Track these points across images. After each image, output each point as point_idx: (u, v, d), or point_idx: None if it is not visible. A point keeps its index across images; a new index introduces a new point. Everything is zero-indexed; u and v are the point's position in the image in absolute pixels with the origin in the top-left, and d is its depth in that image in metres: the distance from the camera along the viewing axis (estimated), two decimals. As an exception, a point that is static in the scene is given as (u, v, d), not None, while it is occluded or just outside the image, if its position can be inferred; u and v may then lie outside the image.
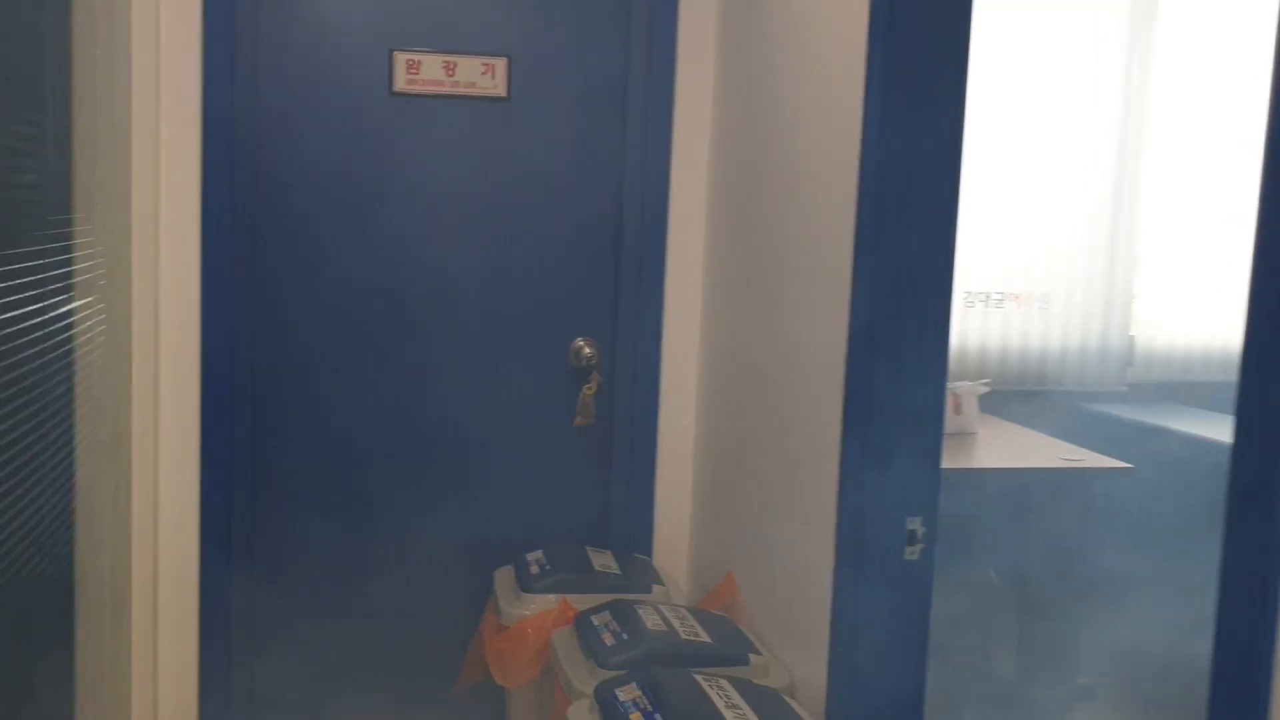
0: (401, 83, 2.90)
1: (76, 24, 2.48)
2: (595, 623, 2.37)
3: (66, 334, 2.43)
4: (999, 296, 4.14)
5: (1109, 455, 3.29)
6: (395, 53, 2.89)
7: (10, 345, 2.07)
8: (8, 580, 2.17)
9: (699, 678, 2.08)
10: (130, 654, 2.82)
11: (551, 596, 2.60)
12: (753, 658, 2.28)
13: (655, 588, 2.67)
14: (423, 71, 2.91)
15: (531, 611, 2.57)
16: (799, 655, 2.28)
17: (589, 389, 2.97)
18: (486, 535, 3.01)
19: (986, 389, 3.66)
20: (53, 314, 2.32)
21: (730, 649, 2.29)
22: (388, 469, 2.98)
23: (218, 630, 2.91)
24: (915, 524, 2.03)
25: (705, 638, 2.31)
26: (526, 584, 2.65)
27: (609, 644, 2.27)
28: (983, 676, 3.39)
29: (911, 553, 2.03)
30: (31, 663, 2.34)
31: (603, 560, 2.76)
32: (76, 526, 2.58)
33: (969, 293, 4.09)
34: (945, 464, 2.12)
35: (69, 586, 2.56)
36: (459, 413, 2.99)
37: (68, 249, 2.43)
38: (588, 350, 3.00)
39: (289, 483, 2.94)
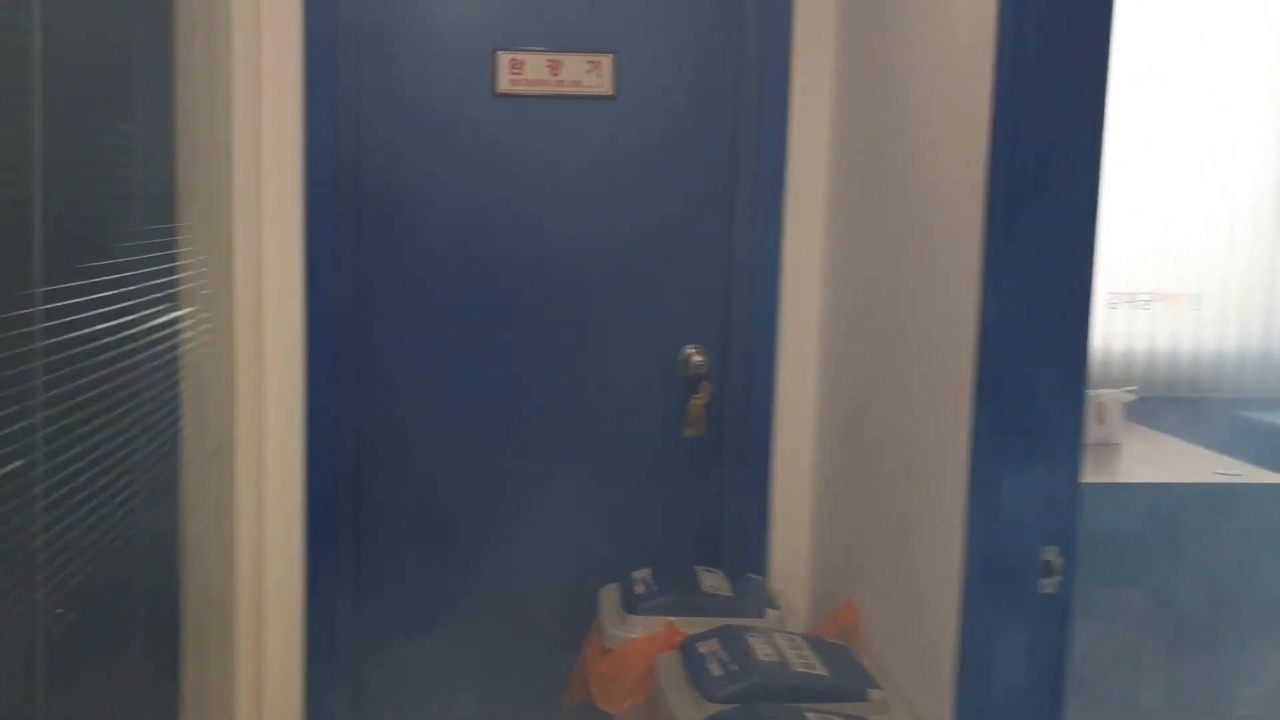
0: (505, 83, 2.81)
1: (178, 31, 2.45)
2: (702, 650, 2.23)
3: (171, 343, 2.40)
4: (1146, 297, 3.87)
5: (1270, 469, 3.01)
6: (498, 53, 2.80)
7: (116, 353, 2.04)
8: (117, 590, 2.15)
9: (812, 717, 1.92)
10: (235, 664, 2.79)
11: (657, 619, 2.46)
12: (872, 693, 2.11)
13: (769, 612, 2.51)
14: (526, 71, 2.81)
15: (636, 634, 2.44)
16: (923, 692, 2.09)
17: (699, 399, 2.83)
18: (592, 550, 2.90)
19: (1132, 396, 3.41)
20: (157, 323, 2.29)
21: (847, 683, 2.12)
22: (493, 479, 2.89)
23: (322, 640, 2.86)
24: (1051, 554, 1.83)
25: (821, 670, 2.14)
26: (632, 605, 2.53)
27: (716, 674, 2.12)
28: (1128, 714, 3.13)
29: (1048, 585, 1.83)
30: (139, 671, 2.33)
31: (713, 581, 2.62)
32: (183, 537, 2.56)
33: (1113, 293, 3.83)
34: (1087, 478, 1.91)
35: (175, 596, 2.55)
36: (565, 423, 2.88)
37: (171, 257, 2.40)
38: (698, 358, 2.86)
39: (393, 493, 2.88)
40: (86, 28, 1.98)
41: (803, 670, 2.13)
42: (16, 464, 1.62)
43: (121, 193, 2.15)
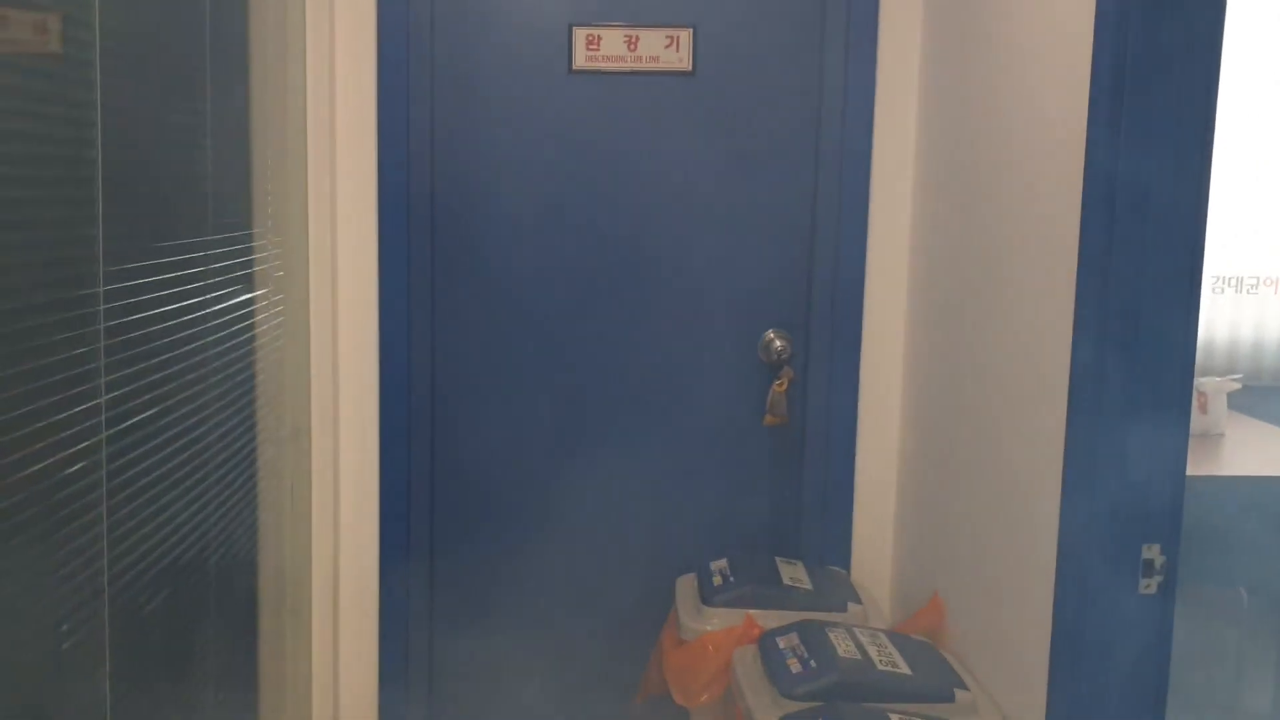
0: (581, 60, 2.74)
1: (251, 13, 2.43)
2: (781, 645, 2.15)
3: (246, 325, 2.39)
4: (1252, 281, 3.68)
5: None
6: (574, 28, 2.74)
7: (191, 332, 2.03)
8: (194, 574, 2.15)
9: (895, 719, 1.83)
10: (310, 647, 2.79)
11: (735, 611, 2.39)
12: (959, 694, 2.01)
13: (851, 606, 2.42)
14: (603, 47, 2.74)
15: (713, 627, 2.37)
16: (1013, 694, 1.99)
17: (780, 385, 2.74)
18: (668, 538, 2.84)
19: (1237, 385, 3.25)
20: (232, 303, 2.28)
21: (933, 683, 2.03)
22: (568, 464, 2.83)
23: (396, 626, 2.84)
24: (1152, 552, 1.72)
25: (904, 669, 2.05)
26: (708, 596, 2.46)
27: (795, 671, 2.05)
28: (1232, 714, 2.98)
29: (1148, 586, 1.72)
30: (216, 655, 2.33)
31: (793, 573, 2.53)
32: (259, 521, 2.56)
33: (1218, 277, 3.65)
34: (1190, 469, 1.79)
35: (252, 581, 2.55)
36: (641, 408, 2.82)
37: (246, 238, 2.39)
38: (779, 343, 2.77)
39: (467, 477, 2.84)
40: (157, 14, 1.96)
41: (886, 669, 2.04)
42: (86, 443, 1.60)
43: (192, 175, 2.14)
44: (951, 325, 2.41)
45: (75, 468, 1.58)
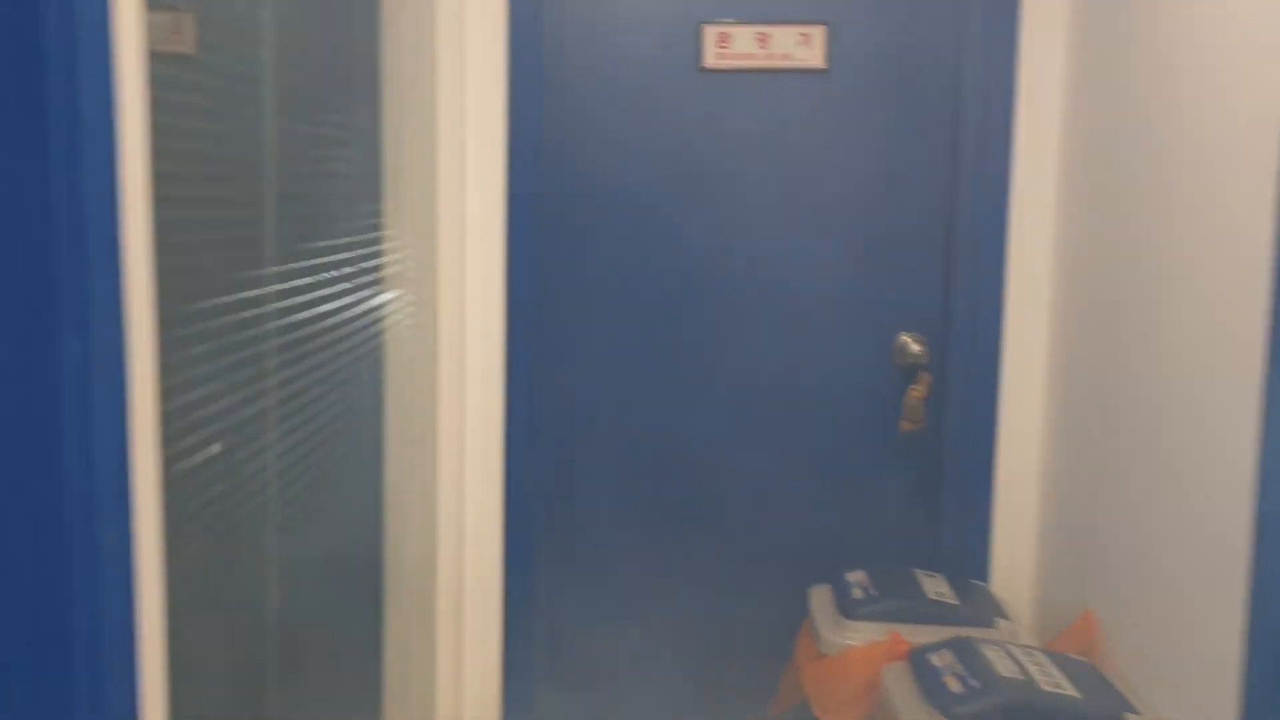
0: (711, 58, 2.68)
1: (384, 20, 2.41)
2: (935, 663, 2.06)
3: (377, 327, 2.37)
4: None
5: None
6: (704, 26, 2.68)
7: (339, 334, 2.02)
8: (324, 573, 2.13)
9: (1071, 743, 1.74)
10: (435, 648, 2.76)
11: (878, 626, 2.31)
12: (1129, 718, 1.91)
13: (999, 622, 2.33)
14: (734, 45, 2.68)
15: (856, 642, 2.29)
16: (1193, 718, 1.88)
17: (917, 390, 2.65)
18: (798, 547, 2.76)
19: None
20: (369, 305, 2.26)
21: (1102, 706, 1.93)
22: (694, 470, 2.77)
23: (521, 627, 2.80)
24: (1363, 571, 1.60)
25: (1071, 690, 1.95)
26: (849, 609, 2.37)
27: (955, 690, 1.96)
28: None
29: (1358, 606, 1.61)
30: (344, 654, 2.31)
31: (936, 587, 2.44)
32: (386, 522, 2.54)
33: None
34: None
35: (379, 579, 2.53)
36: (769, 413, 2.75)
37: (378, 240, 2.37)
38: (915, 347, 2.68)
39: (592, 481, 2.79)
40: (307, 32, 1.95)
41: (1051, 690, 1.94)
42: (258, 440, 1.58)
43: (338, 182, 2.13)
44: (1110, 329, 2.30)
45: (249, 464, 1.56)
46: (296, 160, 1.87)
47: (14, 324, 0.82)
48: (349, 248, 2.13)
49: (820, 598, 2.52)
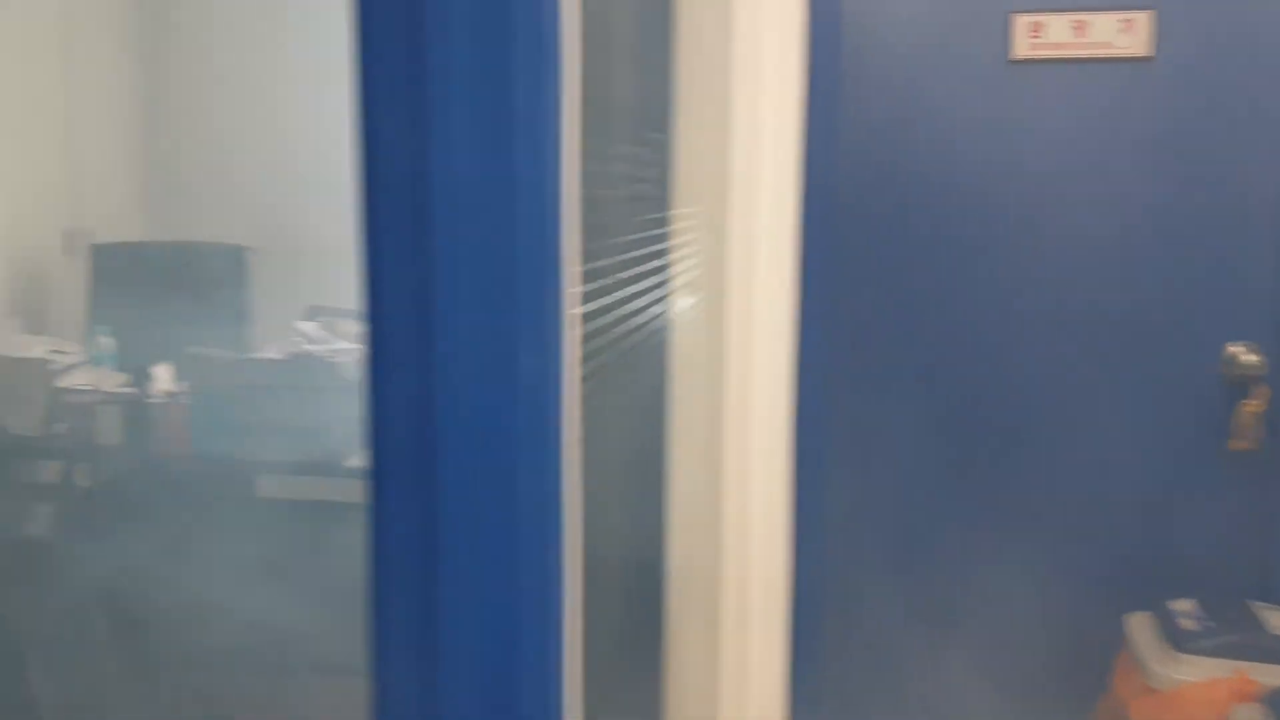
0: (1022, 49, 2.54)
1: (679, 14, 2.38)
2: (1298, 708, 1.87)
3: (666, 324, 2.35)
4: None
5: None
6: (1013, 15, 2.53)
7: (638, 331, 2.00)
8: (609, 580, 2.13)
9: None
10: (719, 656, 2.72)
11: (1217, 662, 2.12)
12: None
13: (1360, 664, 2.10)
14: (1047, 34, 2.53)
15: (1193, 677, 2.12)
16: None
17: (1251, 405, 2.43)
18: (1108, 570, 2.58)
19: None
20: (658, 311, 2.24)
21: None
22: (993, 486, 2.63)
23: (808, 636, 2.72)
24: None
25: None
26: (1180, 641, 2.19)
27: (1329, 741, 1.77)
28: None
29: None
30: (628, 660, 2.30)
31: (1278, 622, 2.23)
32: (669, 532, 2.51)
33: None
34: None
35: (661, 587, 2.51)
36: (1076, 427, 2.58)
37: (666, 236, 2.34)
38: (1249, 358, 2.46)
39: (884, 489, 2.69)
40: (617, 40, 1.94)
41: None
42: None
43: (641, 188, 2.11)
44: None
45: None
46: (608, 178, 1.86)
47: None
48: (646, 243, 2.11)
49: (1141, 626, 2.35)
